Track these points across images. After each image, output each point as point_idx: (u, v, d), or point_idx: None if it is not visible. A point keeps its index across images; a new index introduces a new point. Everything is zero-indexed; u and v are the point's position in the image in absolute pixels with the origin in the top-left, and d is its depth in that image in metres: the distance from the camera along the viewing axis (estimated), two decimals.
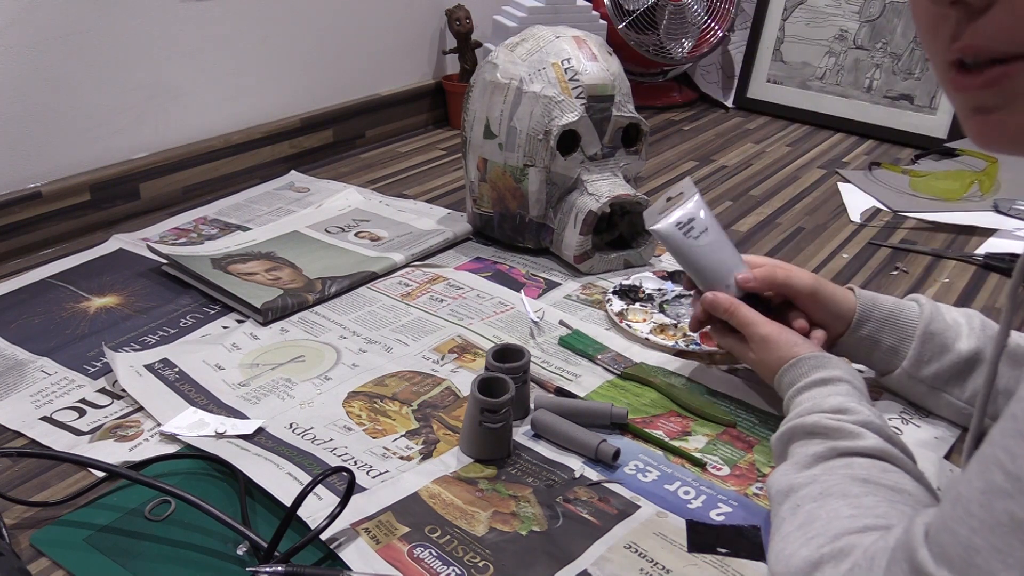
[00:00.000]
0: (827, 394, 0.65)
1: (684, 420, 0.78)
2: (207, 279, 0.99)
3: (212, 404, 0.79)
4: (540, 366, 0.86)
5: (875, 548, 0.47)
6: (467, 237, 1.15)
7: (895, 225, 1.21)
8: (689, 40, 1.73)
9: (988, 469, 0.40)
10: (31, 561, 0.62)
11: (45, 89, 1.11)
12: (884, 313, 0.76)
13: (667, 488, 0.69)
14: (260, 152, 1.37)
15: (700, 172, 1.43)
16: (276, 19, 1.36)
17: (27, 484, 0.70)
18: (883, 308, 0.76)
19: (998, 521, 0.39)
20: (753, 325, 0.74)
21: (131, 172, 1.21)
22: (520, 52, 1.05)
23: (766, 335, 0.73)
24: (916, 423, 0.76)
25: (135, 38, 1.19)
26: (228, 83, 1.33)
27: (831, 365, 0.68)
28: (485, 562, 0.61)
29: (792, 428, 0.63)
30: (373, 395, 0.81)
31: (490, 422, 0.70)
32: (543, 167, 1.02)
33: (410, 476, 0.70)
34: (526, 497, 0.68)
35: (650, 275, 1.02)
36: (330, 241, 1.13)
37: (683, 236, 0.77)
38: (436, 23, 1.64)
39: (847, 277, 1.06)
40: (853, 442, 0.58)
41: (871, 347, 0.76)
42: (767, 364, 0.73)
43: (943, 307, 0.76)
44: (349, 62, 1.51)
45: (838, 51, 1.67)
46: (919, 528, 0.44)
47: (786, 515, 0.56)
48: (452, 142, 1.56)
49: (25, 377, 0.84)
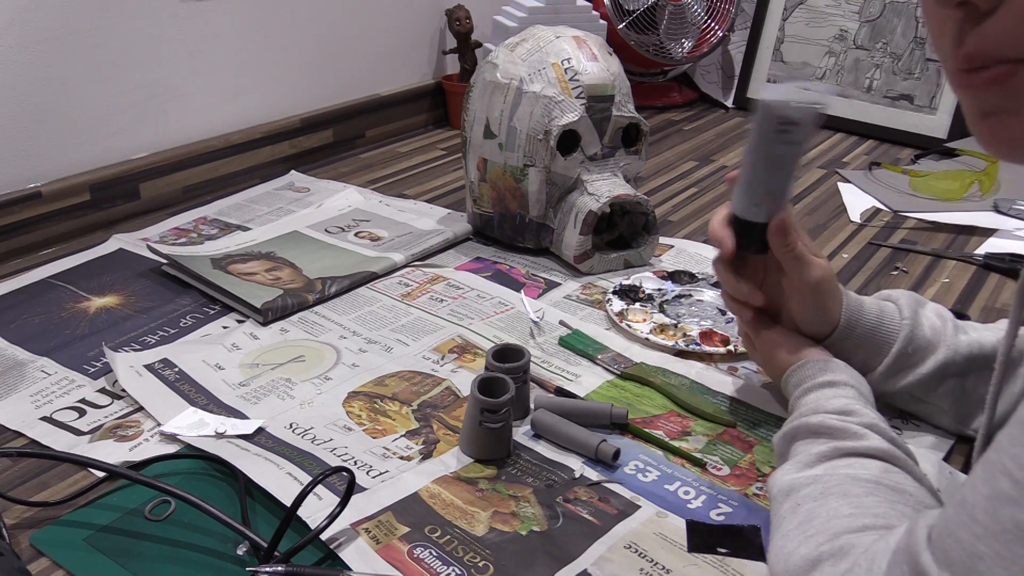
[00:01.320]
0: (832, 395, 0.65)
1: (684, 420, 0.78)
2: (207, 279, 0.99)
3: (212, 404, 0.79)
4: (540, 366, 0.86)
5: (876, 549, 0.47)
6: (467, 237, 1.15)
7: (895, 225, 1.21)
8: (689, 40, 1.73)
9: (994, 476, 0.40)
10: (31, 561, 0.62)
11: (45, 89, 1.11)
12: (866, 330, 0.72)
13: (667, 488, 0.69)
14: (260, 152, 1.37)
15: (700, 172, 1.43)
16: (276, 19, 1.36)
17: (27, 484, 0.70)
18: (866, 325, 0.72)
19: (1003, 528, 0.39)
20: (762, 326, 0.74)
21: (131, 172, 1.21)
22: (520, 52, 1.05)
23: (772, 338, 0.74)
24: (916, 423, 0.76)
25: (135, 38, 1.19)
26: (228, 83, 1.33)
27: (837, 369, 0.68)
28: (485, 562, 0.61)
29: (796, 427, 0.63)
30: (373, 395, 0.81)
31: (490, 422, 0.70)
32: (543, 167, 1.03)
33: (410, 476, 0.70)
34: (526, 497, 0.68)
35: (650, 275, 1.02)
36: (330, 241, 1.13)
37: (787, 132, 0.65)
38: (436, 23, 1.64)
39: (847, 277, 1.06)
40: (856, 442, 0.58)
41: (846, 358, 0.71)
42: (773, 365, 0.74)
43: (922, 313, 0.73)
44: (349, 62, 1.51)
45: (838, 51, 1.67)
46: (922, 531, 0.44)
47: (786, 514, 0.56)
48: (452, 142, 1.56)
49: (25, 377, 0.84)
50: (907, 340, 0.71)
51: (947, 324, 0.72)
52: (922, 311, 0.73)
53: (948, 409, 0.72)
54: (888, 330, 0.72)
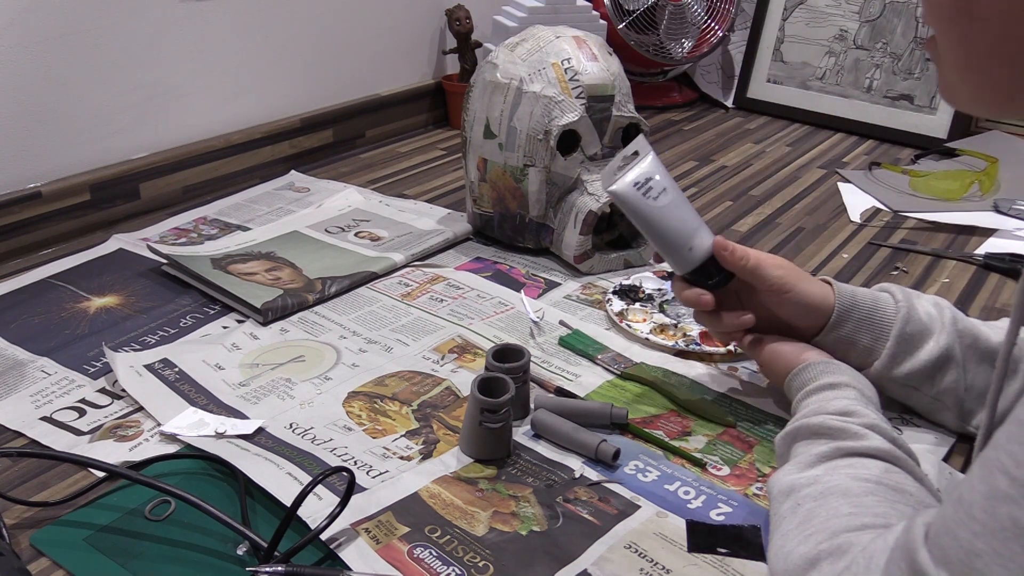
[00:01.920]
0: (833, 397, 0.65)
1: (684, 420, 0.78)
2: (207, 279, 0.99)
3: (212, 404, 0.79)
4: (540, 366, 0.86)
5: (873, 547, 0.47)
6: (467, 237, 1.15)
7: (895, 225, 1.21)
8: (689, 40, 1.73)
9: (992, 473, 0.40)
10: (31, 561, 0.62)
11: (45, 89, 1.11)
12: (863, 313, 0.73)
13: (667, 488, 0.69)
14: (260, 152, 1.37)
15: (700, 172, 1.43)
16: (276, 19, 1.36)
17: (27, 484, 0.70)
18: (862, 308, 0.73)
19: (1001, 526, 0.39)
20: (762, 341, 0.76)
21: (131, 172, 1.21)
22: (520, 52, 1.05)
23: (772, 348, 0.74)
24: (916, 424, 0.76)
25: (135, 38, 1.19)
26: (228, 83, 1.33)
27: (839, 371, 0.68)
28: (485, 562, 0.61)
29: (797, 428, 0.64)
30: (373, 395, 0.81)
31: (490, 422, 0.70)
32: (543, 167, 1.02)
33: (410, 476, 0.70)
34: (526, 497, 0.68)
35: (650, 275, 1.02)
36: (330, 241, 1.13)
37: (642, 197, 0.73)
38: (436, 23, 1.64)
39: (847, 277, 1.06)
40: (857, 442, 0.58)
41: (847, 347, 0.73)
42: (776, 372, 0.74)
43: (917, 301, 0.74)
44: (349, 62, 1.51)
45: (838, 51, 1.67)
46: (919, 529, 0.44)
47: (786, 513, 0.56)
48: (452, 142, 1.56)
49: (25, 377, 0.84)
50: (905, 320, 0.72)
51: (944, 311, 0.73)
52: (916, 300, 0.74)
53: (951, 405, 0.73)
54: (885, 313, 0.73)
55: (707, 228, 0.75)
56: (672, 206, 0.73)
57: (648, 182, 0.73)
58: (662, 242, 0.74)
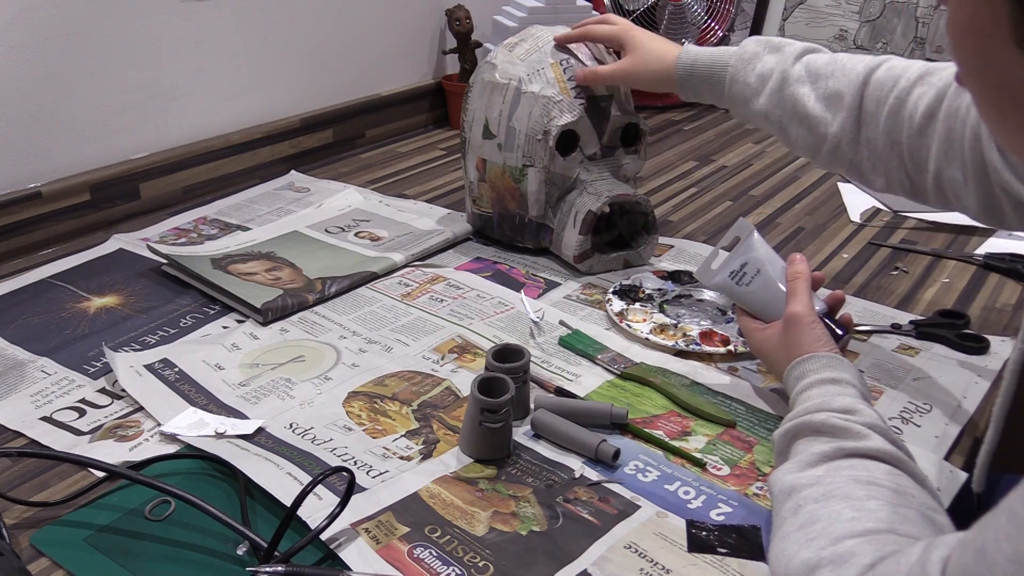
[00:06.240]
0: (836, 393, 0.64)
1: (684, 420, 0.78)
2: (207, 279, 0.99)
3: (212, 404, 0.79)
4: (540, 366, 0.86)
5: (885, 571, 0.47)
6: (467, 237, 1.15)
7: (895, 225, 1.21)
8: (689, 40, 1.73)
9: (1020, 534, 0.38)
10: (31, 561, 0.62)
11: (45, 89, 1.11)
12: (701, 77, 0.94)
13: (667, 488, 0.69)
14: (260, 152, 1.37)
15: (700, 172, 1.43)
16: (276, 19, 1.36)
17: (27, 484, 0.70)
18: (700, 71, 0.93)
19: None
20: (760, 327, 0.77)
21: (131, 172, 1.21)
22: (519, 52, 1.05)
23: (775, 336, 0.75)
24: (916, 423, 0.76)
25: (135, 38, 1.19)
26: (228, 83, 1.33)
27: (842, 368, 0.68)
28: (485, 562, 0.61)
29: (798, 424, 0.63)
30: (373, 395, 0.81)
31: (490, 422, 0.70)
32: (542, 167, 1.02)
33: (410, 476, 0.70)
34: (526, 497, 0.68)
35: (650, 275, 1.02)
36: (330, 241, 1.13)
37: (736, 285, 0.80)
38: (436, 23, 1.65)
39: (847, 277, 1.06)
40: (859, 443, 0.58)
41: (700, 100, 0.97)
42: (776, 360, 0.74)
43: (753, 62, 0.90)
44: (349, 62, 1.51)
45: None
46: (935, 566, 0.43)
47: (788, 515, 0.56)
48: (452, 142, 1.56)
49: (25, 377, 0.84)
50: (731, 82, 0.91)
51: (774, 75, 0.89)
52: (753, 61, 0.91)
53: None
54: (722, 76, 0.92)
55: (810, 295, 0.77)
56: (764, 288, 0.79)
57: (742, 268, 0.80)
58: (761, 315, 0.80)
